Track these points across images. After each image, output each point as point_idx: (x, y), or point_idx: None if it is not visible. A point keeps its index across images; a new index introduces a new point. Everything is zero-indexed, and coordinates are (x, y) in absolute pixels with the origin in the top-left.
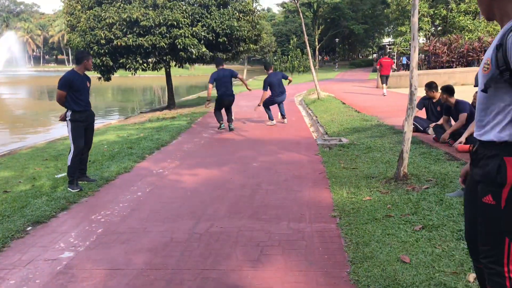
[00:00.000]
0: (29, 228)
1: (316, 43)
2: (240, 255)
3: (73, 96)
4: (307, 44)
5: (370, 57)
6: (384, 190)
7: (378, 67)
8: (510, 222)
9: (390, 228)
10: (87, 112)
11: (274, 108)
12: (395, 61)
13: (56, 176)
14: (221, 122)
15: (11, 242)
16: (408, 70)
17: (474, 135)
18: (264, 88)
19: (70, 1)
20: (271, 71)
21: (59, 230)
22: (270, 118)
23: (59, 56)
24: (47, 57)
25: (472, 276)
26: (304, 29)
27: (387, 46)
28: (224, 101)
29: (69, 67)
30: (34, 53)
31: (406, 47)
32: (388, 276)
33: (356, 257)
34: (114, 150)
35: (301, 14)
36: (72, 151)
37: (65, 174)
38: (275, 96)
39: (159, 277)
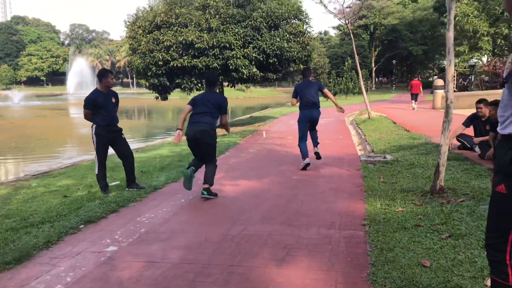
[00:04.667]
0: (82, 226)
1: (373, 65)
2: (267, 255)
3: (98, 113)
4: (358, 66)
5: (430, 79)
6: (418, 203)
7: (409, 87)
8: None
9: (417, 236)
10: (111, 126)
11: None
12: (455, 82)
13: (110, 184)
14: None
15: (65, 236)
16: (466, 91)
17: (497, 129)
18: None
19: (133, 26)
20: (309, 78)
21: (107, 228)
22: (303, 157)
23: (125, 80)
24: (113, 80)
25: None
26: (355, 51)
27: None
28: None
29: (133, 89)
30: None
31: (465, 68)
32: (406, 278)
33: (378, 260)
34: (165, 163)
35: (352, 36)
36: (96, 163)
37: (118, 182)
38: (304, 108)
39: (190, 270)
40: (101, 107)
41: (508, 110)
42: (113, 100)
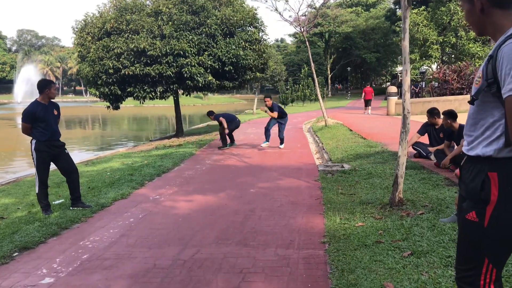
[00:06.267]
0: (16, 254)
1: (328, 72)
2: (221, 282)
3: (38, 127)
4: (314, 73)
5: (384, 86)
6: (378, 216)
7: (362, 94)
8: (491, 241)
9: (379, 255)
10: (52, 141)
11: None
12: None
13: (53, 202)
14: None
15: None
16: (417, 97)
17: (463, 149)
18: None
19: (81, 33)
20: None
21: (45, 256)
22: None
23: (77, 87)
24: (65, 88)
25: None
26: (311, 59)
27: (399, 74)
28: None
29: (86, 97)
30: None
31: (416, 75)
32: None
33: (339, 284)
34: (115, 177)
35: (308, 44)
36: (36, 181)
37: (62, 200)
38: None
39: None
40: (42, 121)
41: (477, 129)
42: (55, 112)
